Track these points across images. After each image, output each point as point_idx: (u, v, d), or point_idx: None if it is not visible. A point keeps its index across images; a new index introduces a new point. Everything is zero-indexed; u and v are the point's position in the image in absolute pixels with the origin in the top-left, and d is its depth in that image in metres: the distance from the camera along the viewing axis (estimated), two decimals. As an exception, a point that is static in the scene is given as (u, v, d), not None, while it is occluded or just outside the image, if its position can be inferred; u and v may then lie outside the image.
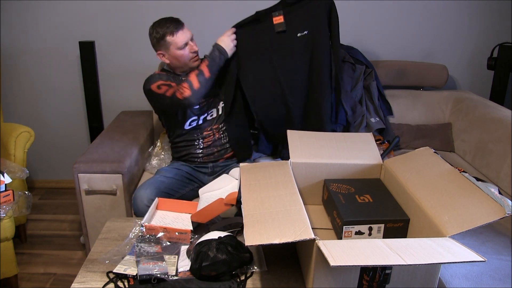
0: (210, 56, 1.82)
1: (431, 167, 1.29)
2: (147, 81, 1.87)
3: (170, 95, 1.77)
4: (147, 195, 1.69)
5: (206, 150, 1.95)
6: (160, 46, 1.83)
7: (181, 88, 1.75)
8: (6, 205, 1.78)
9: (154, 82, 1.83)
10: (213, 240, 1.18)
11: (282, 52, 1.89)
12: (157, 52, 1.86)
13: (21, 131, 2.18)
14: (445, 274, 1.29)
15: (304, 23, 1.86)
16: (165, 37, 1.80)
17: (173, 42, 1.80)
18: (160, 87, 1.80)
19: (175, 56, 1.83)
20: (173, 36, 1.79)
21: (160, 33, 1.80)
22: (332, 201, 1.32)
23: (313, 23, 1.86)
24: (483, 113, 2.18)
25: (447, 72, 2.42)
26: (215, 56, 1.82)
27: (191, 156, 1.96)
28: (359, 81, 2.31)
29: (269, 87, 1.94)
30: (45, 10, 2.54)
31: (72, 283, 1.16)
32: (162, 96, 1.80)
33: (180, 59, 1.84)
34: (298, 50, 1.88)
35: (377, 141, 2.17)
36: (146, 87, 1.86)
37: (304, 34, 1.86)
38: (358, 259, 0.90)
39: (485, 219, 1.01)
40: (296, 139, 1.50)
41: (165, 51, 1.84)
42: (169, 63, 1.88)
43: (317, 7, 1.85)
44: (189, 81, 1.76)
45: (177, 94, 1.75)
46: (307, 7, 1.85)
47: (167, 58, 1.86)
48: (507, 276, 1.29)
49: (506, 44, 2.35)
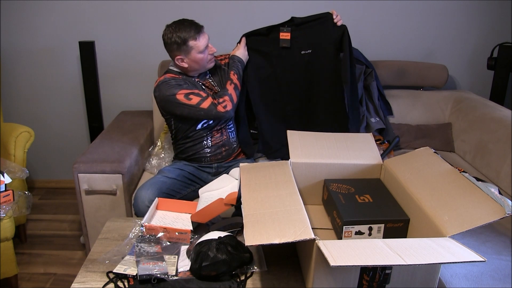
0: (236, 69, 1.91)
1: (431, 167, 1.29)
2: (163, 87, 1.81)
3: (206, 107, 1.77)
4: (148, 196, 1.69)
5: (214, 149, 1.95)
6: (181, 51, 1.78)
7: (223, 101, 1.79)
8: (6, 205, 1.78)
9: (177, 90, 1.78)
10: (213, 240, 1.18)
11: (285, 65, 2.01)
12: (175, 57, 1.81)
13: (21, 131, 2.18)
14: (445, 274, 1.29)
15: (310, 42, 1.97)
16: (188, 42, 1.76)
17: (195, 46, 1.77)
18: (189, 98, 1.77)
19: (195, 59, 1.81)
20: (195, 41, 1.77)
21: (182, 38, 1.76)
22: (332, 201, 1.32)
23: (319, 43, 1.95)
24: (483, 113, 2.17)
25: (447, 72, 2.42)
26: (239, 69, 1.92)
27: (198, 155, 1.95)
28: (359, 81, 2.31)
29: (270, 94, 2.06)
30: (45, 10, 2.54)
31: (72, 283, 1.16)
32: (193, 107, 1.77)
33: (200, 62, 1.83)
34: (300, 65, 2.00)
35: (377, 141, 2.18)
36: (165, 93, 1.79)
37: (308, 52, 1.97)
38: (358, 259, 0.90)
39: (485, 219, 1.01)
40: (296, 139, 1.50)
41: (185, 56, 1.80)
42: (187, 67, 1.84)
43: (327, 29, 1.93)
44: (229, 94, 1.81)
45: (219, 107, 1.78)
46: (317, 28, 1.94)
47: (186, 62, 1.81)
48: (507, 276, 1.29)
49: (506, 44, 2.35)
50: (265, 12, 2.52)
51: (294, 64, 2.00)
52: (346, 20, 2.51)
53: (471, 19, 2.52)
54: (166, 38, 1.80)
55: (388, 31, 2.55)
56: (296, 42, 1.97)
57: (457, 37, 2.56)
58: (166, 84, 1.82)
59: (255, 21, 2.54)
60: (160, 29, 2.54)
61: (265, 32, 1.98)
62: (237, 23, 2.53)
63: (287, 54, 1.99)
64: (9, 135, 2.16)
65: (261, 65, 2.02)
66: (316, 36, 1.94)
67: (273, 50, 1.99)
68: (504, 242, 1.48)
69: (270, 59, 2.01)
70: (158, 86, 1.84)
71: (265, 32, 1.98)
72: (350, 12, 2.51)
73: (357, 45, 2.46)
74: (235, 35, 2.04)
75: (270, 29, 1.97)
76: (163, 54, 2.57)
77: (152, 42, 2.59)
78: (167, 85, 1.81)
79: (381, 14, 2.51)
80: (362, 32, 2.55)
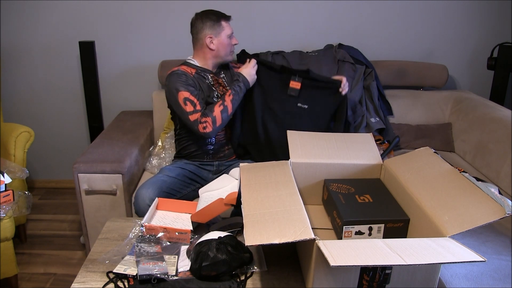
0: (235, 89, 1.84)
1: (431, 167, 1.29)
2: (173, 79, 1.82)
3: (192, 120, 1.77)
4: (149, 195, 1.69)
5: (218, 147, 1.96)
6: (213, 29, 1.85)
7: (204, 121, 1.76)
8: (6, 205, 1.78)
9: (182, 88, 1.79)
10: (213, 240, 1.18)
11: (281, 107, 1.97)
12: (206, 36, 1.86)
13: (21, 131, 2.18)
14: (445, 274, 1.29)
15: (310, 99, 1.96)
16: (221, 21, 1.86)
17: (226, 27, 1.88)
18: (186, 103, 1.78)
19: (222, 43, 1.88)
20: (226, 23, 1.89)
21: (216, 17, 1.86)
22: (332, 201, 1.32)
23: (316, 103, 1.95)
24: (483, 113, 2.17)
25: (447, 72, 2.42)
26: (239, 90, 1.85)
27: (200, 151, 1.95)
28: (359, 81, 2.31)
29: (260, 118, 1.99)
30: (45, 10, 2.54)
31: (72, 283, 1.16)
32: (185, 113, 1.78)
33: (225, 48, 1.89)
34: (291, 113, 1.97)
35: (377, 141, 2.18)
36: (171, 85, 1.80)
37: (303, 107, 1.96)
38: (358, 259, 0.90)
39: (485, 219, 1.01)
40: (296, 139, 1.50)
41: (215, 36, 1.86)
42: (214, 50, 1.88)
43: (329, 96, 1.93)
44: (213, 117, 1.78)
45: (199, 126, 1.76)
46: (321, 90, 1.93)
47: (215, 44, 1.87)
48: (507, 276, 1.29)
49: (506, 44, 2.35)
50: (265, 12, 2.52)
51: (286, 111, 1.96)
52: (346, 20, 2.53)
53: (471, 19, 2.52)
54: (200, 20, 1.87)
55: (388, 31, 2.55)
56: (298, 93, 1.95)
57: (457, 37, 2.56)
58: (177, 77, 1.83)
59: (255, 21, 2.54)
60: (160, 29, 2.56)
61: (278, 69, 1.94)
62: (237, 23, 2.52)
63: (285, 99, 1.97)
64: (9, 135, 2.16)
65: (262, 95, 1.97)
66: (317, 98, 1.95)
67: (276, 90, 1.95)
68: (504, 242, 1.48)
69: (269, 93, 1.96)
70: (169, 75, 1.86)
71: (278, 69, 1.94)
72: (350, 12, 2.51)
73: (357, 45, 2.46)
74: (236, 35, 2.04)
75: (284, 69, 1.94)
76: (163, 54, 2.60)
77: (152, 42, 2.59)
78: (178, 77, 1.82)
79: (381, 14, 2.51)
80: (362, 32, 2.55)
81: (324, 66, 2.31)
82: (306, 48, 2.46)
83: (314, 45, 2.51)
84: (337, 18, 2.52)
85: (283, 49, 2.45)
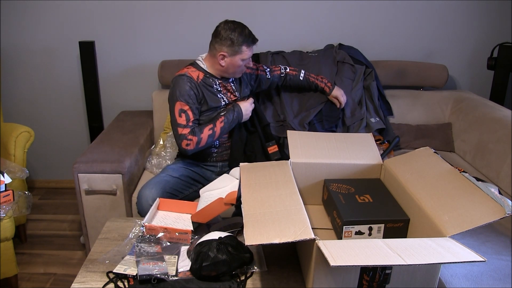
0: (228, 118, 1.84)
1: (431, 167, 1.29)
2: (177, 83, 1.80)
3: (179, 133, 1.76)
4: (152, 195, 1.69)
5: (222, 150, 1.95)
6: (230, 49, 1.77)
7: (190, 139, 1.76)
8: (6, 205, 1.78)
9: (181, 98, 1.77)
10: (213, 241, 1.18)
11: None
12: (220, 52, 1.78)
13: (21, 131, 2.18)
14: (445, 274, 1.29)
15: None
16: (242, 46, 1.77)
17: (244, 53, 1.79)
18: (181, 115, 1.77)
19: (234, 64, 1.81)
20: (247, 48, 1.79)
21: (240, 40, 1.76)
22: (332, 201, 1.32)
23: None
24: (483, 113, 2.17)
25: (447, 72, 2.42)
26: (230, 119, 1.84)
27: (204, 153, 1.94)
28: (359, 82, 2.31)
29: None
30: (45, 10, 2.54)
31: (72, 283, 1.16)
32: (175, 124, 1.78)
33: (236, 68, 1.83)
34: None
35: (377, 141, 2.18)
36: (173, 90, 1.79)
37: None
38: (358, 259, 0.90)
39: (485, 219, 1.01)
40: (296, 139, 1.50)
41: (229, 56, 1.78)
42: (223, 67, 1.82)
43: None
44: (200, 138, 1.77)
45: (183, 141, 1.76)
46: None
47: (225, 62, 1.80)
48: (507, 276, 1.29)
49: (506, 44, 2.35)
50: (265, 12, 2.52)
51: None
52: (346, 20, 2.53)
53: (471, 19, 2.52)
54: (224, 32, 1.76)
55: (388, 31, 2.55)
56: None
57: (457, 37, 2.56)
58: (182, 83, 1.79)
59: (256, 21, 2.54)
60: (160, 29, 2.56)
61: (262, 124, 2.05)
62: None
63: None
64: (9, 135, 2.15)
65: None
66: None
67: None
68: (504, 242, 1.48)
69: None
70: (176, 77, 1.82)
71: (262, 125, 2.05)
72: (350, 12, 2.51)
73: (357, 45, 2.46)
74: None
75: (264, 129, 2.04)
76: (163, 54, 2.60)
77: (152, 42, 2.59)
78: (183, 84, 1.79)
79: (381, 14, 2.51)
80: (362, 32, 2.55)
81: (323, 66, 2.31)
82: (306, 48, 2.46)
83: (314, 45, 2.51)
84: (337, 18, 2.52)
85: (283, 49, 2.45)
